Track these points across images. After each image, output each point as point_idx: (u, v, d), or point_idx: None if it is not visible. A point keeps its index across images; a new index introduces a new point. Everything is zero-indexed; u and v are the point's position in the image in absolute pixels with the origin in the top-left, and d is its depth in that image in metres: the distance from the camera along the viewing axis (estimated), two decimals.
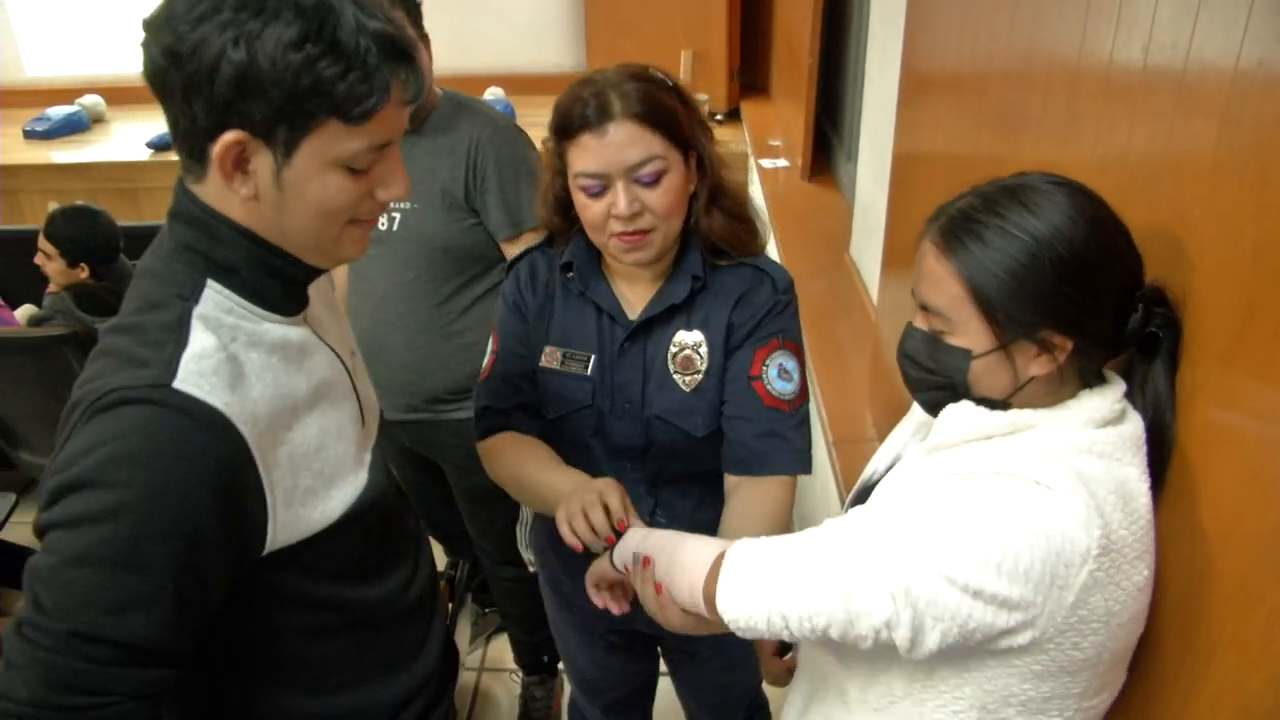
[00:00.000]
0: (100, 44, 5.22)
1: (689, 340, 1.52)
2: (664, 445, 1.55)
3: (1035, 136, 1.44)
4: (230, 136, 0.94)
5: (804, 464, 1.52)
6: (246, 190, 0.98)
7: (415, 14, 2.04)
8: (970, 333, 1.06)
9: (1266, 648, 0.89)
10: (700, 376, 1.52)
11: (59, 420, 1.01)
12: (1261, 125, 0.89)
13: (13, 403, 3.13)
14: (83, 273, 3.14)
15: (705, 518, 1.56)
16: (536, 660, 2.77)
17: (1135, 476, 1.03)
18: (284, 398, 1.06)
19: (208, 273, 1.03)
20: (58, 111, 4.87)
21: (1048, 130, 1.40)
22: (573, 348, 1.56)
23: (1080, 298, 1.01)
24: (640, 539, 1.30)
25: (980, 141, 1.71)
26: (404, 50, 0.98)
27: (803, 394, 1.54)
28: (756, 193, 4.09)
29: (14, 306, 3.51)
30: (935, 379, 1.12)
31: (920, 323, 1.13)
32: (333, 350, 1.19)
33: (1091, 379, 1.09)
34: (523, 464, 1.54)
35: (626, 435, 1.55)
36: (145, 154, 4.53)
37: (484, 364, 1.64)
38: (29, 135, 4.77)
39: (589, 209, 1.42)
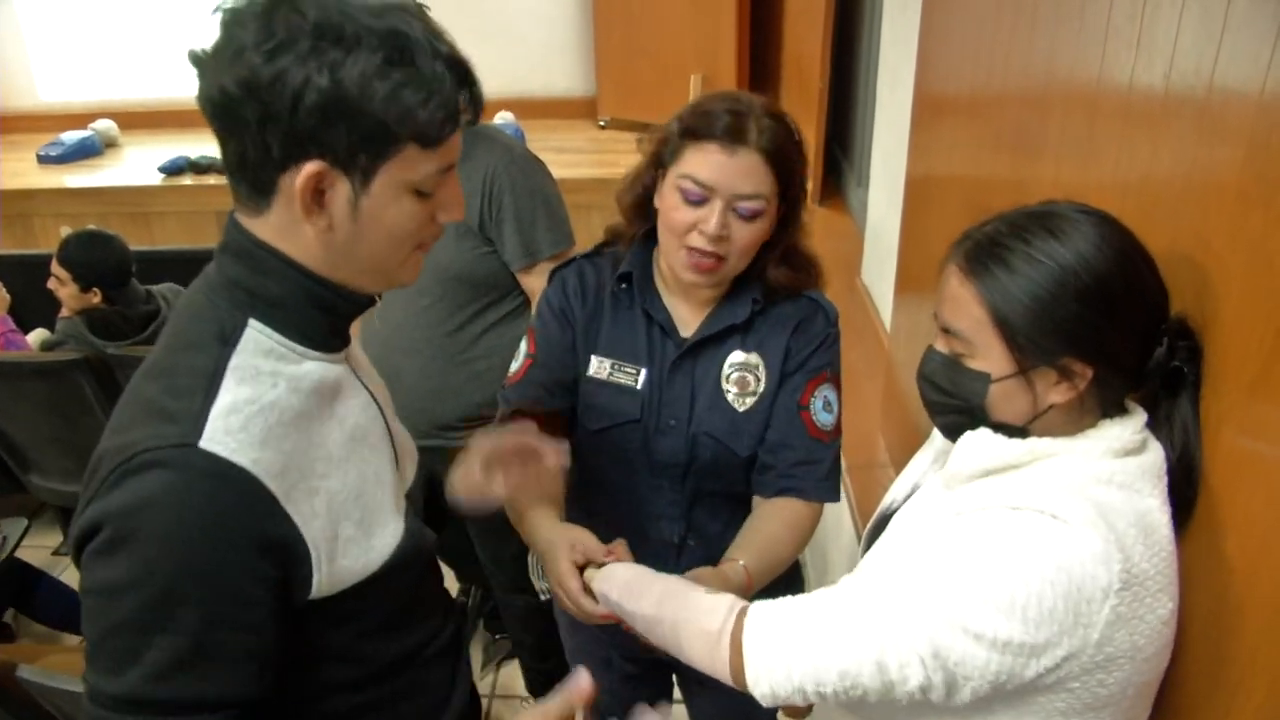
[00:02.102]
0: (114, 69, 5.25)
1: (747, 361, 1.54)
2: (706, 463, 1.55)
3: (1054, 160, 1.43)
4: (312, 168, 0.93)
5: (835, 492, 1.55)
6: (323, 222, 0.98)
7: None
8: (990, 357, 1.05)
9: None
10: (755, 398, 1.54)
11: (86, 467, 1.00)
12: None
13: (24, 427, 3.13)
14: (95, 297, 3.15)
15: (732, 539, 1.55)
16: (547, 687, 2.74)
17: (1156, 507, 1.01)
18: (319, 446, 1.05)
19: (251, 310, 1.02)
20: (71, 136, 4.89)
21: (1067, 154, 1.39)
22: (622, 360, 1.56)
23: (1104, 326, 1.00)
24: (620, 594, 1.29)
25: (997, 165, 1.71)
26: (470, 74, 1.00)
27: (839, 427, 1.57)
28: None
29: (27, 331, 3.51)
30: (954, 402, 1.11)
31: (941, 345, 1.12)
32: (369, 392, 1.18)
33: (1112, 409, 1.07)
34: None
35: (670, 451, 1.55)
36: (157, 179, 4.54)
37: (515, 367, 1.63)
38: (42, 160, 4.79)
39: (678, 212, 1.41)
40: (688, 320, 1.56)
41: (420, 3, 2.08)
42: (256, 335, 1.02)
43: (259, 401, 0.98)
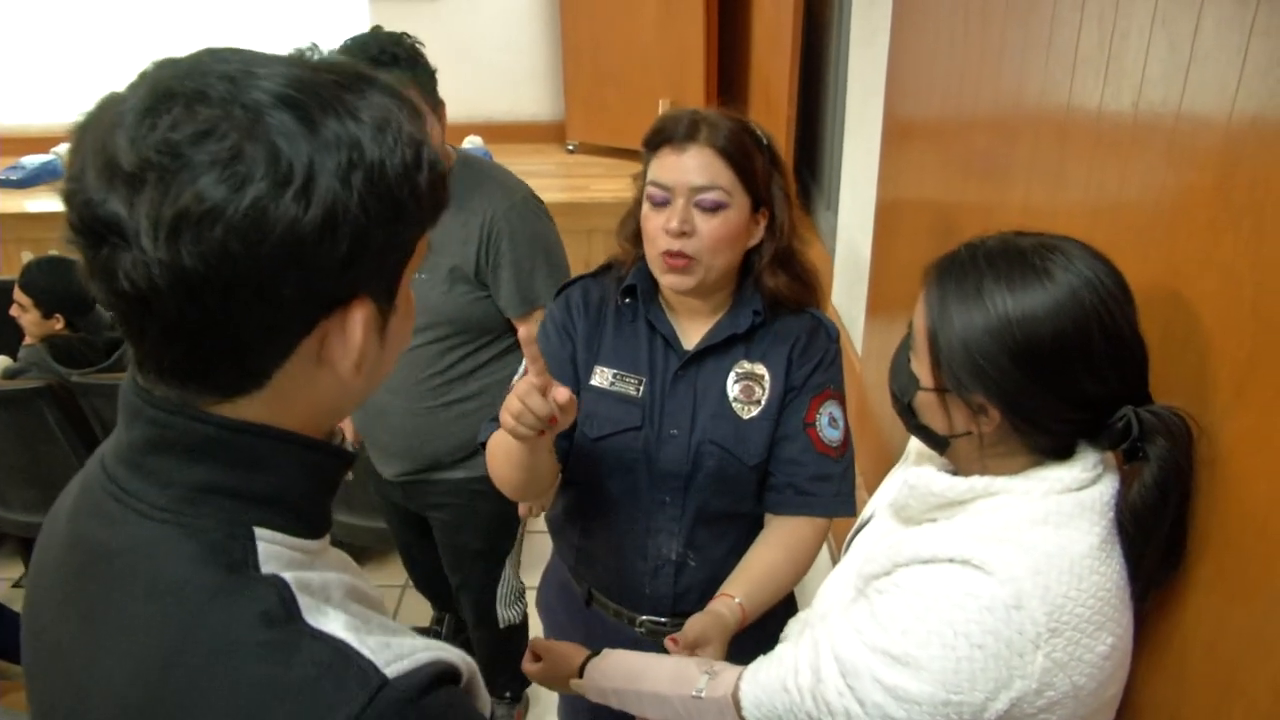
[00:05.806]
0: (76, 92, 5.19)
1: (752, 371, 1.56)
2: (711, 473, 1.56)
3: (1024, 185, 1.45)
4: (363, 312, 0.70)
5: (847, 506, 1.58)
6: (347, 362, 0.72)
7: (430, 83, 2.00)
8: (923, 365, 1.09)
9: (1276, 708, 0.88)
10: (759, 407, 1.56)
11: (51, 499, 0.81)
12: (1257, 182, 0.90)
13: None
14: (58, 324, 3.11)
15: (735, 564, 1.57)
16: (503, 693, 2.78)
17: (1095, 544, 1.00)
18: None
19: (249, 519, 0.72)
20: (32, 160, 4.83)
21: (1036, 179, 1.41)
22: (624, 370, 1.58)
23: (1022, 382, 0.99)
24: (625, 680, 1.35)
25: (967, 190, 1.73)
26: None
27: (848, 440, 1.60)
28: None
29: None
30: (898, 392, 1.15)
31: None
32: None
33: (1043, 454, 1.06)
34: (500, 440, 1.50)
35: (672, 461, 1.56)
36: None
37: (515, 379, 1.61)
38: (2, 184, 4.73)
39: (650, 219, 1.48)
40: (691, 335, 1.58)
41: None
42: (269, 548, 0.72)
43: (346, 609, 0.73)
